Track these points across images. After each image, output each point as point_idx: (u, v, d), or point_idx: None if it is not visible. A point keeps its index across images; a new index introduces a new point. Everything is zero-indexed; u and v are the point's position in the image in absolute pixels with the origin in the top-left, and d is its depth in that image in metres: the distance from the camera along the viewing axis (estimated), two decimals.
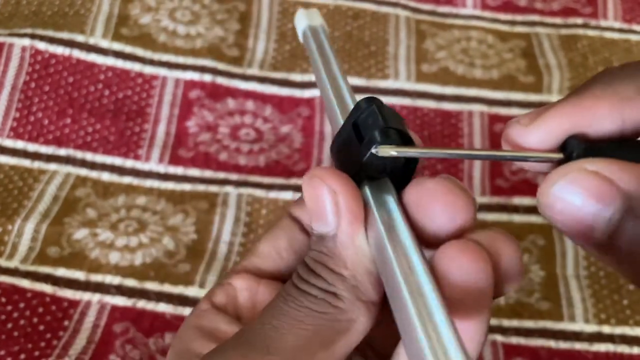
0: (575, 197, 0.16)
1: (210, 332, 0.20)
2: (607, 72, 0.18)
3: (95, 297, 0.33)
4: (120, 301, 0.33)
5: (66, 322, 0.32)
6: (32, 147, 0.38)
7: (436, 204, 0.17)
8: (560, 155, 0.18)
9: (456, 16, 0.46)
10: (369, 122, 0.18)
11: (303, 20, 0.23)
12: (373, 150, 0.17)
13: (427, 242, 0.17)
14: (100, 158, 0.38)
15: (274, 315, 0.18)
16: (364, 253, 0.18)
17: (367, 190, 0.18)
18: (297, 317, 0.17)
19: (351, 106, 0.20)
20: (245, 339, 0.18)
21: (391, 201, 0.17)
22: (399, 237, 0.16)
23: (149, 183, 0.38)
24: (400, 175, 0.18)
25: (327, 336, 0.17)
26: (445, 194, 0.17)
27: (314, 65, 0.22)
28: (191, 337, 0.20)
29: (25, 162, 0.37)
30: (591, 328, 0.33)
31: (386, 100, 0.41)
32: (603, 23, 0.46)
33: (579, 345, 0.33)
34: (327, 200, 0.17)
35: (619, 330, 0.33)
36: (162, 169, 0.38)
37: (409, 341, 0.14)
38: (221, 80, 0.41)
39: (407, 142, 0.18)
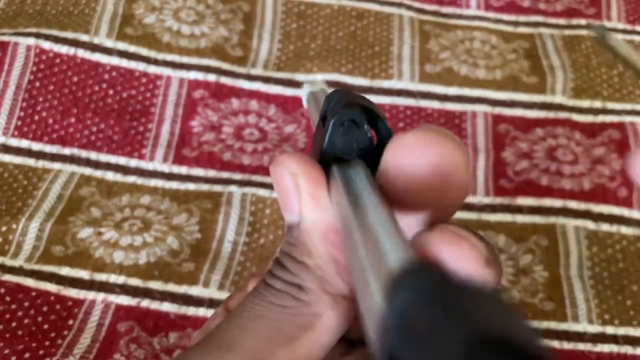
0: None
1: None
2: None
3: (99, 296, 0.33)
4: (125, 300, 0.33)
5: (70, 321, 0.32)
6: (36, 146, 0.38)
7: (416, 159, 0.15)
8: None
9: (460, 17, 0.46)
10: (332, 108, 0.17)
11: (306, 89, 0.24)
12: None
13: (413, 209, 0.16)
14: (104, 157, 0.38)
15: (238, 313, 0.17)
16: (329, 240, 0.16)
17: (335, 171, 0.17)
18: (259, 312, 0.16)
19: None
20: (209, 339, 0.17)
21: (360, 178, 0.16)
22: (367, 213, 0.14)
23: (153, 182, 0.38)
24: (375, 157, 0.17)
25: (289, 332, 0.16)
26: (427, 147, 0.15)
27: (313, 123, 0.22)
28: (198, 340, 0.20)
29: (30, 161, 0.37)
30: (595, 329, 0.33)
31: (390, 100, 0.41)
32: (607, 24, 0.46)
33: (582, 346, 0.33)
34: (288, 185, 0.16)
35: (622, 330, 0.33)
36: (166, 168, 0.38)
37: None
38: (225, 80, 0.41)
39: (370, 114, 0.17)
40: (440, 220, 0.16)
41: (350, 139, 0.17)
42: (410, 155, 0.15)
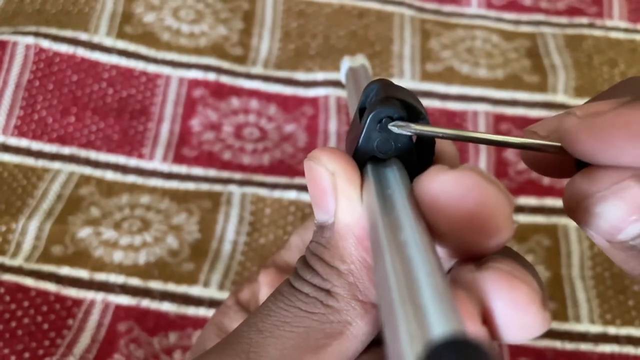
0: (616, 208, 0.14)
1: (228, 331, 0.20)
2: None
3: (99, 296, 0.32)
4: (124, 300, 0.32)
5: (70, 321, 0.32)
6: (36, 145, 0.38)
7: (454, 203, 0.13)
8: (558, 144, 0.15)
9: (461, 15, 0.46)
10: (372, 99, 0.16)
11: (345, 64, 0.23)
12: (393, 128, 0.15)
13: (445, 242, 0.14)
14: (104, 157, 0.38)
15: (260, 317, 0.16)
16: (364, 245, 0.15)
17: (369, 171, 0.16)
18: (283, 318, 0.15)
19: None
20: (228, 343, 0.16)
21: (395, 183, 0.15)
22: (400, 229, 0.13)
23: (153, 182, 0.37)
24: (415, 157, 0.16)
25: (316, 340, 0.15)
26: (468, 190, 0.13)
27: (350, 103, 0.21)
28: (209, 335, 0.20)
29: (29, 161, 0.37)
30: (596, 329, 0.33)
31: None
32: (608, 23, 0.46)
33: (584, 346, 0.33)
34: (325, 183, 0.15)
35: (624, 331, 0.33)
36: (165, 167, 0.38)
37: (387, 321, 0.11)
38: (225, 79, 0.41)
39: (411, 111, 0.16)
40: (469, 254, 0.14)
41: (387, 137, 0.16)
42: (448, 194, 0.13)
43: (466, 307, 0.13)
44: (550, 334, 0.33)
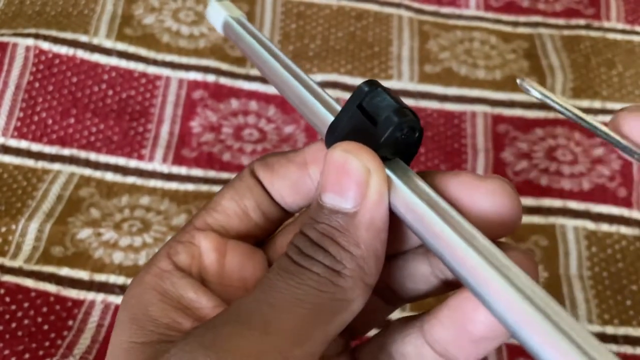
0: None
1: (174, 298, 0.19)
2: None
3: (99, 297, 0.33)
4: None
5: (70, 322, 0.32)
6: (35, 146, 0.38)
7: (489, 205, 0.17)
8: None
9: (459, 17, 0.46)
10: (378, 103, 0.18)
11: (221, 12, 0.22)
12: (529, 89, 0.18)
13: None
14: (103, 158, 0.38)
15: (269, 293, 0.17)
16: (380, 237, 0.17)
17: (387, 171, 0.18)
18: (296, 295, 0.17)
19: (318, 90, 0.20)
20: (240, 317, 0.17)
21: (419, 179, 0.17)
22: (448, 213, 0.17)
23: (153, 183, 0.38)
24: (407, 156, 0.18)
25: (325, 316, 0.17)
26: (503, 198, 0.17)
27: (256, 55, 0.21)
28: (150, 300, 0.19)
29: (29, 162, 0.37)
30: (594, 328, 0.33)
31: None
32: (606, 24, 0.46)
33: None
34: (359, 177, 0.17)
35: (622, 330, 0.33)
36: (165, 169, 0.38)
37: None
38: (224, 81, 0.41)
39: (417, 118, 0.18)
40: None
41: (396, 143, 0.18)
42: (484, 198, 0.17)
43: None
44: None
